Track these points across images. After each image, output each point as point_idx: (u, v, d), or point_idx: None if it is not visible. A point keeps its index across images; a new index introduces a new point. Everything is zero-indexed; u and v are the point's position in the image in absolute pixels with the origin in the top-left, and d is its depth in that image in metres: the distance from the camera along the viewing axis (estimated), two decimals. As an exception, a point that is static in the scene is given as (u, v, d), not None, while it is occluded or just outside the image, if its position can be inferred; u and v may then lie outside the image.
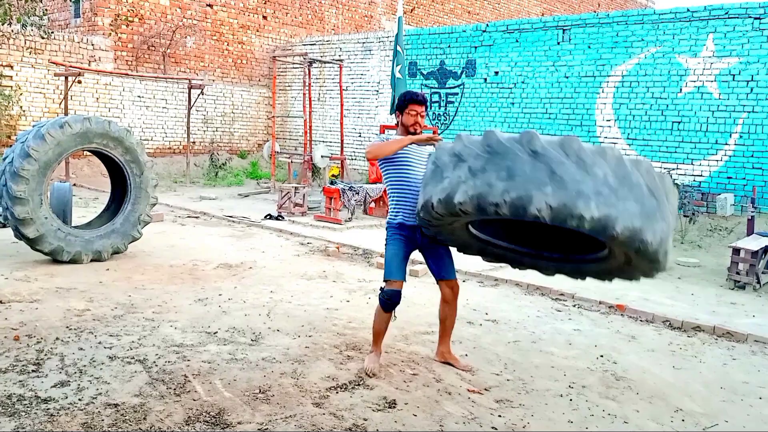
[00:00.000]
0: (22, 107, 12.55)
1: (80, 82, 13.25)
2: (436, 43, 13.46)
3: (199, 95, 14.24)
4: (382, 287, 3.89)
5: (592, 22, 11.13)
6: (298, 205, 10.18)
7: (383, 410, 3.41)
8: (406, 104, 3.97)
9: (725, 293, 6.49)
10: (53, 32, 12.74)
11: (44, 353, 3.98)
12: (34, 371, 3.70)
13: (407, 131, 4.00)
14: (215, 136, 16.13)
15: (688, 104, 10.02)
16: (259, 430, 3.12)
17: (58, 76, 12.70)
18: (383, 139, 3.93)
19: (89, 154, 11.17)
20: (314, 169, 13.68)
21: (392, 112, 10.95)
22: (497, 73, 12.40)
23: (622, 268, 3.38)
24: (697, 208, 9.35)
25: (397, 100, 4.14)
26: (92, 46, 13.77)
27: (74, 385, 3.53)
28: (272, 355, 4.14)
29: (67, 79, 12.29)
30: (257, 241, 8.20)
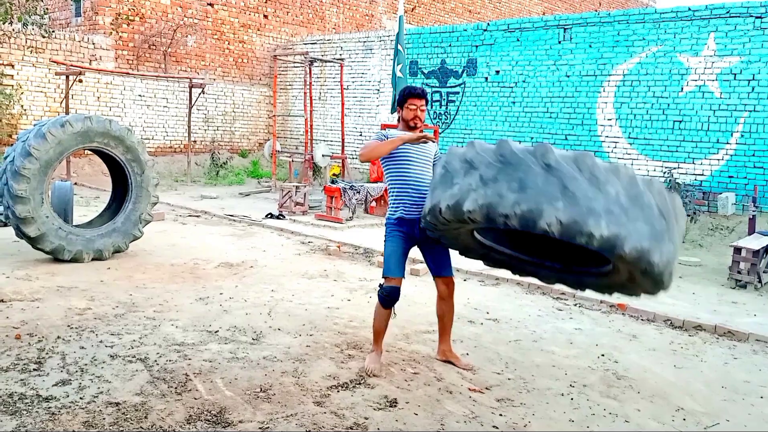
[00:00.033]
0: (23, 106, 12.55)
1: (81, 81, 13.26)
2: (437, 42, 13.45)
3: (200, 94, 14.24)
4: (381, 284, 3.92)
5: (593, 21, 11.12)
6: (299, 204, 10.18)
7: (384, 409, 3.41)
8: (405, 99, 4.02)
9: (726, 292, 6.49)
10: (54, 31, 12.73)
11: (45, 352, 3.98)
12: (35, 370, 3.70)
13: (408, 126, 4.03)
14: (216, 135, 16.13)
15: (689, 103, 10.01)
16: (260, 428, 3.13)
17: (59, 75, 12.70)
18: (380, 135, 3.95)
19: (90, 153, 11.19)
20: (315, 168, 13.68)
21: (393, 111, 10.96)
22: (498, 72, 12.39)
23: (624, 284, 3.38)
24: (698, 207, 9.35)
25: (397, 96, 4.16)
26: (93, 45, 13.77)
27: (75, 383, 3.54)
28: (273, 354, 4.14)
29: (68, 78, 12.29)
30: (258, 240, 8.20)
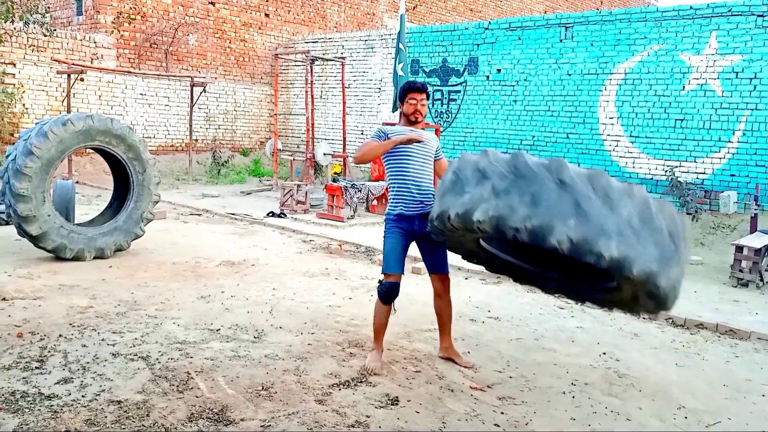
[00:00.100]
0: (24, 105, 12.56)
1: (83, 79, 13.26)
2: (438, 40, 13.44)
3: (201, 93, 14.24)
4: (380, 280, 3.94)
5: (594, 19, 11.10)
6: (300, 202, 10.18)
7: (386, 407, 3.42)
8: (405, 93, 4.06)
9: (728, 291, 6.48)
10: (56, 30, 12.74)
11: (47, 350, 3.99)
12: (37, 368, 3.71)
13: (408, 121, 4.07)
14: (218, 133, 16.13)
15: (691, 102, 9.99)
16: (261, 427, 3.13)
17: (60, 73, 12.68)
18: (378, 132, 3.96)
19: (92, 151, 11.20)
20: (316, 166, 13.68)
21: (395, 109, 10.96)
22: (500, 70, 12.38)
23: (626, 302, 3.38)
24: (700, 205, 9.34)
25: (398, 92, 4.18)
26: (95, 43, 13.77)
27: (77, 381, 3.54)
28: (275, 352, 4.14)
29: (69, 76, 12.28)
30: (260, 238, 8.20)
